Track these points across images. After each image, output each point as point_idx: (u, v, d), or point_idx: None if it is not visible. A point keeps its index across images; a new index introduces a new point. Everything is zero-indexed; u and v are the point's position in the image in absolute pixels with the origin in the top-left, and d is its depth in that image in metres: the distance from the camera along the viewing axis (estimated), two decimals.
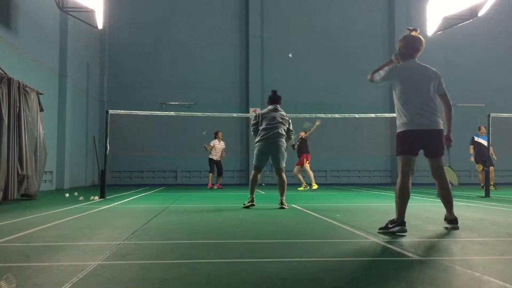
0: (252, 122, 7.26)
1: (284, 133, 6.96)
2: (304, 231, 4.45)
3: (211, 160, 14.02)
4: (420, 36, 4.59)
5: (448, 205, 4.37)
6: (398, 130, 4.34)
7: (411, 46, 4.58)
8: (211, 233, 4.28)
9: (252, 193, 7.04)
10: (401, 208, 4.08)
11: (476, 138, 12.93)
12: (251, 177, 7.18)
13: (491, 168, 12.30)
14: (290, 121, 7.15)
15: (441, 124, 4.30)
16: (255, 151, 7.01)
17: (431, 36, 14.04)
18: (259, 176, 7.14)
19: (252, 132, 7.21)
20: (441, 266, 2.75)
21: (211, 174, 14.18)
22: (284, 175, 7.00)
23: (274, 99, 7.18)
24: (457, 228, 4.31)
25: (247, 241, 3.84)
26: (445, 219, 4.47)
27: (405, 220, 4.05)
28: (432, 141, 4.26)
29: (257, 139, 6.98)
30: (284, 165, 7.00)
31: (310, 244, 3.65)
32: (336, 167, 18.76)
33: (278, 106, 7.14)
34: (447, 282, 2.41)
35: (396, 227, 4.02)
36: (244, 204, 6.97)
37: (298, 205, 7.34)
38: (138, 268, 2.77)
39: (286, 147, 7.06)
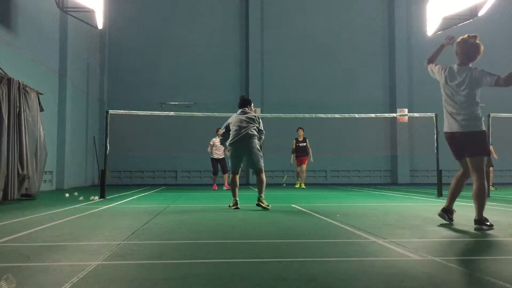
0: (221, 132, 7.23)
1: (255, 133, 6.82)
2: (304, 231, 4.45)
3: (213, 160, 13.29)
4: (481, 45, 4.83)
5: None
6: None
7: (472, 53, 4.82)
8: (211, 233, 4.28)
9: (234, 195, 6.93)
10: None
11: None
12: (230, 180, 7.10)
13: (491, 168, 12.29)
14: (260, 120, 7.03)
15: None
16: (229, 156, 6.95)
17: (431, 36, 14.04)
18: (237, 177, 7.01)
19: (220, 142, 7.21)
20: (441, 266, 2.75)
21: (215, 176, 13.58)
22: (263, 175, 6.86)
23: (242, 102, 7.10)
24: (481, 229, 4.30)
25: (247, 241, 3.84)
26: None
27: (405, 220, 4.04)
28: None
29: (228, 143, 6.90)
30: (262, 165, 6.86)
31: (310, 244, 3.64)
32: (336, 167, 18.76)
33: (246, 108, 7.03)
34: (447, 282, 2.41)
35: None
36: (229, 206, 6.87)
37: (298, 205, 7.34)
38: (138, 268, 2.77)
39: (260, 146, 6.94)
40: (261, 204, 6.66)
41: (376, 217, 5.63)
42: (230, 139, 6.84)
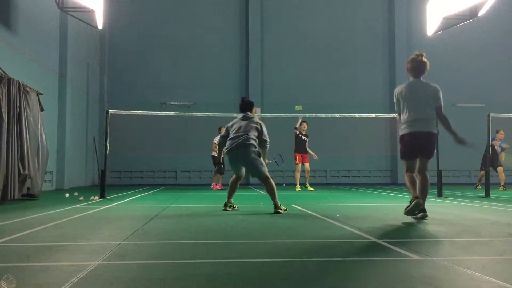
0: (220, 137, 6.82)
1: (252, 140, 6.29)
2: (304, 231, 4.45)
3: (215, 158, 12.84)
4: (426, 61, 5.38)
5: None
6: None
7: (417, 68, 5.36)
8: (211, 233, 4.28)
9: (229, 197, 6.58)
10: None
11: (492, 142, 12.02)
12: (230, 180, 6.67)
13: (501, 168, 12.23)
14: (263, 128, 6.46)
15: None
16: (228, 159, 6.55)
17: (431, 36, 14.04)
18: (239, 182, 6.64)
19: (218, 146, 6.86)
20: (441, 266, 2.75)
21: (220, 175, 13.17)
22: (270, 180, 6.27)
23: (243, 107, 6.66)
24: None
25: (247, 241, 3.84)
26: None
27: (405, 220, 4.06)
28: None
29: (225, 151, 6.57)
30: (264, 171, 6.27)
31: (310, 244, 3.64)
32: (336, 167, 18.76)
33: (249, 113, 6.60)
34: (447, 282, 2.41)
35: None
36: (224, 208, 6.54)
37: (298, 205, 7.33)
38: (138, 268, 2.77)
39: (260, 153, 6.35)
40: (279, 211, 6.08)
41: (376, 217, 5.63)
42: (226, 147, 6.49)
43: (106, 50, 18.43)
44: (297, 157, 13.07)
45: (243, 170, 6.54)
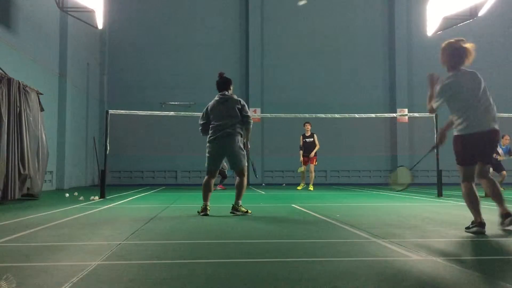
0: (200, 121, 6.22)
1: (238, 128, 5.92)
2: (304, 231, 4.45)
3: None
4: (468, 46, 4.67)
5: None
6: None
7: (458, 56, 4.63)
8: (211, 233, 4.28)
9: (205, 199, 5.89)
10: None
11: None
12: (203, 182, 6.02)
13: (504, 173, 12.22)
14: (244, 104, 6.06)
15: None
16: (206, 153, 6.00)
17: (431, 36, 14.05)
18: (212, 181, 6.05)
19: (200, 133, 6.23)
20: (441, 266, 2.75)
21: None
22: (245, 179, 5.97)
23: (222, 85, 6.21)
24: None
25: (247, 241, 3.84)
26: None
27: (405, 220, 4.04)
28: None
29: (207, 140, 6.03)
30: (244, 165, 5.96)
31: (310, 244, 3.64)
32: (336, 167, 18.76)
33: (227, 92, 6.17)
34: (447, 282, 2.41)
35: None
36: (198, 212, 5.93)
37: (298, 205, 7.33)
38: (138, 268, 2.77)
39: (245, 143, 6.02)
40: (237, 212, 5.82)
41: (376, 217, 5.63)
42: (209, 135, 6.00)
43: (106, 50, 18.43)
44: (303, 159, 13.09)
45: (220, 165, 6.07)
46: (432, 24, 13.75)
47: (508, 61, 19.38)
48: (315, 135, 13.13)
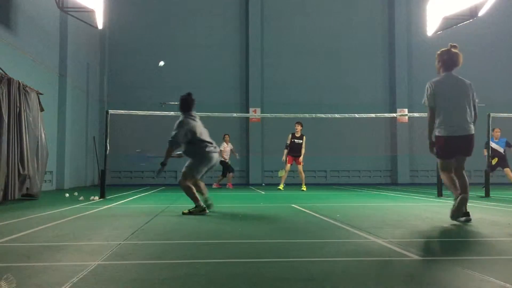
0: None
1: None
2: (304, 231, 4.45)
3: (222, 162, 13.91)
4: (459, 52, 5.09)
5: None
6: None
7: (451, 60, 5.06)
8: (211, 233, 4.28)
9: (196, 200, 6.24)
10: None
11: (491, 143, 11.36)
12: (186, 186, 6.39)
13: (507, 170, 12.15)
14: None
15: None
16: (206, 163, 6.43)
17: (431, 36, 14.04)
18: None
19: (176, 145, 6.82)
20: (442, 266, 2.75)
21: (231, 173, 15.00)
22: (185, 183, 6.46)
23: (192, 104, 6.86)
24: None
25: (247, 241, 3.84)
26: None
27: (405, 220, 4.05)
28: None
29: (208, 150, 6.43)
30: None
31: (310, 244, 3.64)
32: (336, 167, 18.76)
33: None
34: (447, 282, 2.41)
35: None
36: (189, 211, 6.15)
37: (298, 205, 7.33)
38: (138, 268, 2.77)
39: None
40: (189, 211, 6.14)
41: (376, 217, 5.63)
42: (210, 148, 6.46)
43: (106, 50, 18.42)
44: (288, 159, 13.01)
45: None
46: (432, 24, 13.74)
47: (508, 61, 19.38)
48: (304, 137, 12.99)
